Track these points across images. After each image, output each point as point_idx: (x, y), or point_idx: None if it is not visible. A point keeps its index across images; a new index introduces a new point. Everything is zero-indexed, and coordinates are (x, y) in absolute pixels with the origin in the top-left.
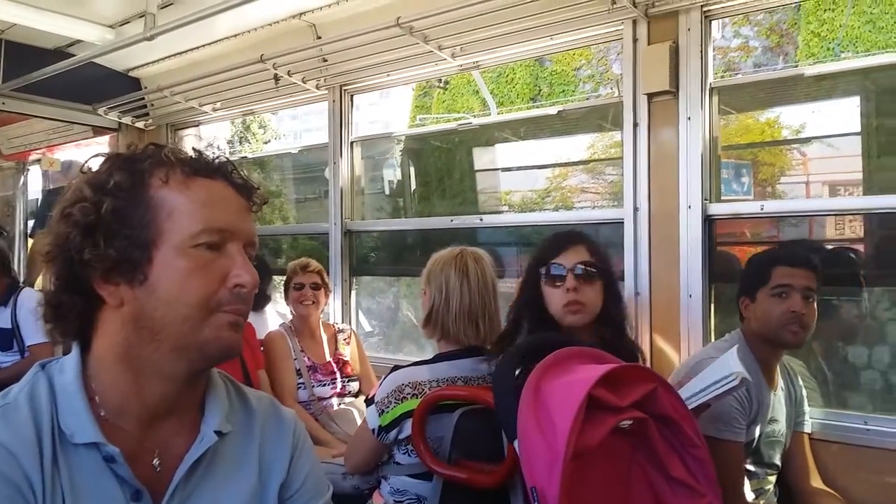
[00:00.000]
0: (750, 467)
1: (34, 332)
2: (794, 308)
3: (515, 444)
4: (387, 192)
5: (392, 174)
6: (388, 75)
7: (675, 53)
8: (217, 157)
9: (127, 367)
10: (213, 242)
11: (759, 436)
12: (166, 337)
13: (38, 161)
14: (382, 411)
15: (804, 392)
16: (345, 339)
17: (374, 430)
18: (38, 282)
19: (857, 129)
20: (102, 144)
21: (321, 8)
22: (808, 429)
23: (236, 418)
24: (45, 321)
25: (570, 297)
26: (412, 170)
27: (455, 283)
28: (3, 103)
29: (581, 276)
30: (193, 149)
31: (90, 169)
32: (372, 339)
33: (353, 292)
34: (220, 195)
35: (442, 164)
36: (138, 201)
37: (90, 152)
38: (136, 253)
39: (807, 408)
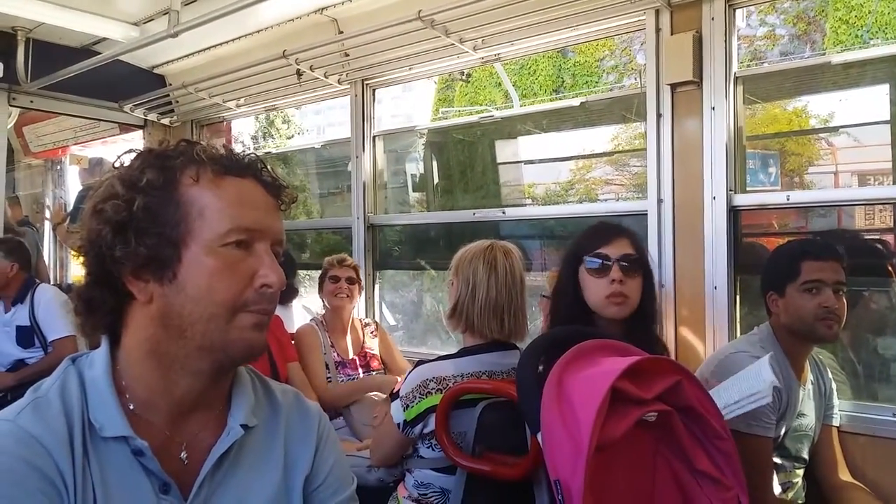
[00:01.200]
0: (777, 460)
1: (55, 327)
2: (826, 303)
3: (539, 436)
4: (409, 185)
5: (414, 168)
6: (410, 69)
7: (698, 43)
8: (248, 155)
9: (155, 363)
10: (242, 241)
11: (787, 430)
12: (193, 335)
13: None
14: (407, 406)
15: (833, 385)
16: (372, 333)
17: (398, 424)
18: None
19: (887, 117)
20: (129, 141)
21: (343, 3)
22: (836, 422)
23: (262, 412)
24: (77, 314)
25: (615, 288)
26: (434, 163)
27: (483, 275)
28: (32, 101)
29: (627, 268)
30: (224, 146)
31: (122, 164)
32: (396, 332)
33: (377, 286)
34: (249, 194)
35: (464, 157)
36: (169, 199)
37: (117, 149)
38: (166, 251)
39: (836, 401)
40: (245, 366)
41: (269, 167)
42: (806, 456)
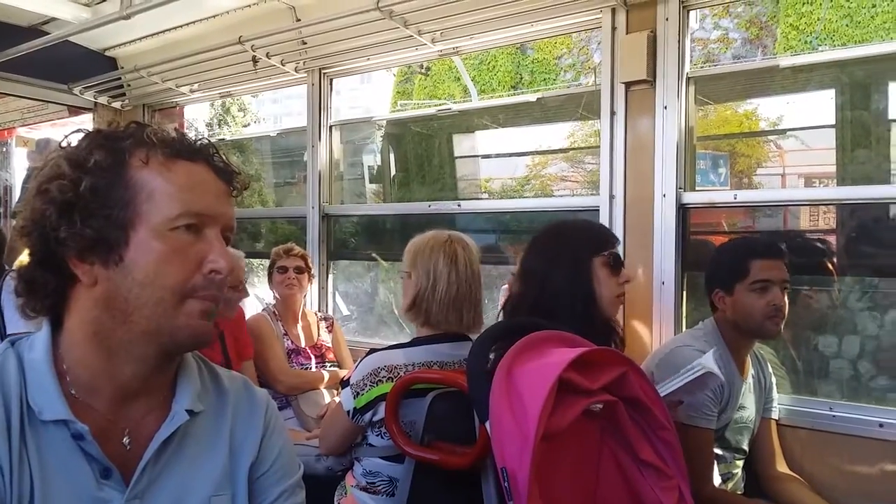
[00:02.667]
0: (718, 452)
1: (15, 320)
2: (774, 301)
3: (487, 425)
4: (366, 177)
5: (372, 159)
6: (368, 59)
7: (652, 43)
8: (199, 140)
9: (98, 346)
10: (192, 226)
11: (728, 423)
12: (138, 319)
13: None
14: (357, 394)
15: (773, 380)
16: (326, 328)
17: (348, 412)
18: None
19: (832, 121)
20: (79, 124)
21: None
22: (775, 415)
23: (208, 398)
24: (17, 296)
25: (623, 289)
26: (392, 155)
27: (443, 269)
28: None
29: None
30: (175, 129)
31: (69, 144)
32: (350, 323)
33: (331, 276)
34: (200, 178)
35: (422, 150)
36: (117, 181)
37: (66, 131)
38: (112, 233)
39: (776, 395)
40: (194, 353)
41: (221, 153)
42: (746, 447)
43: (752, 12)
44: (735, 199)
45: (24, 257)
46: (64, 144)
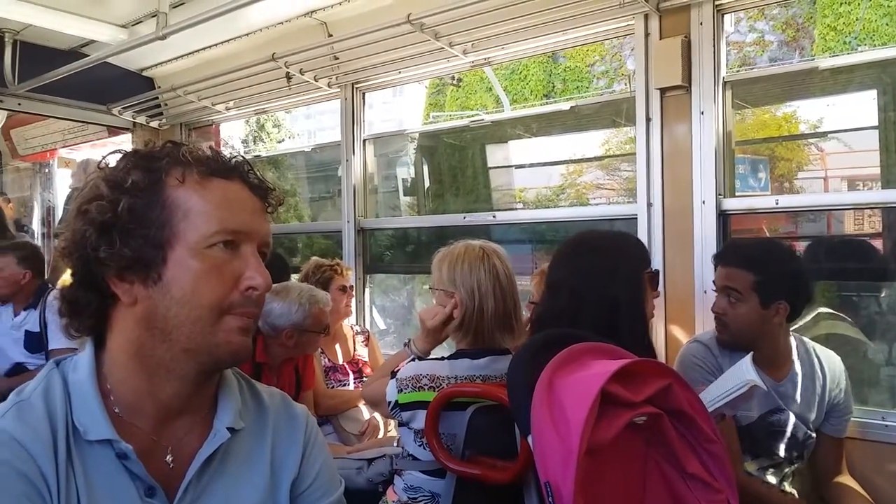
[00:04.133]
0: (750, 465)
1: (58, 336)
2: (713, 308)
3: (529, 439)
4: (400, 189)
5: (405, 172)
6: (400, 72)
7: (687, 47)
8: (234, 157)
9: (140, 366)
10: (228, 243)
11: (751, 422)
12: (178, 337)
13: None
14: (401, 390)
15: (843, 396)
16: (363, 342)
17: (389, 402)
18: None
19: (875, 122)
20: (118, 144)
21: (332, 6)
22: (840, 434)
23: (249, 415)
24: (61, 316)
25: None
26: (425, 167)
27: (487, 286)
28: (20, 104)
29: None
30: (210, 147)
31: (107, 165)
32: (387, 337)
33: (367, 290)
34: (235, 196)
35: (455, 161)
36: (154, 201)
37: (105, 151)
38: (150, 252)
39: (846, 414)
40: (233, 368)
41: (255, 169)
42: (783, 454)
43: (788, 14)
44: (777, 204)
45: (66, 277)
46: (102, 165)
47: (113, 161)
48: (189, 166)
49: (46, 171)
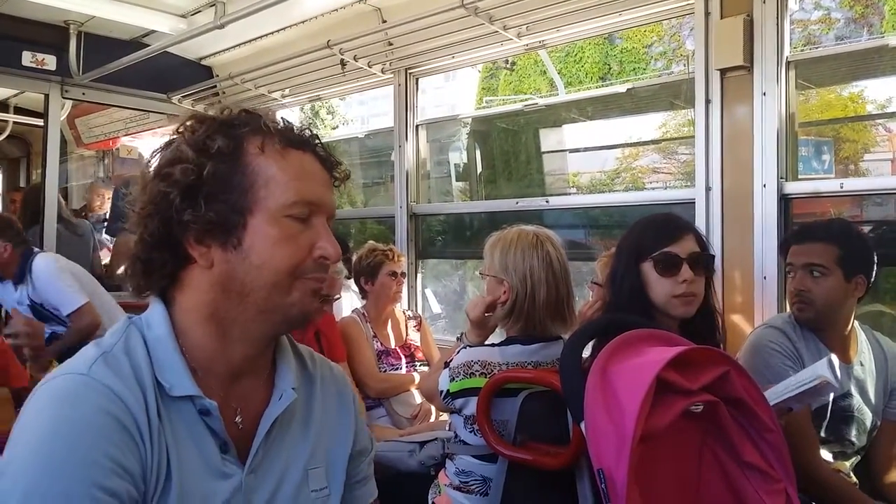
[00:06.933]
0: (823, 451)
1: (64, 301)
2: (794, 286)
3: (582, 425)
4: (452, 175)
5: (458, 157)
6: (453, 57)
7: (749, 27)
8: (306, 129)
9: (214, 327)
10: (303, 214)
11: (824, 408)
12: (254, 300)
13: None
14: (453, 378)
15: None
16: (415, 327)
17: (441, 392)
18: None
19: None
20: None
21: None
22: None
23: (300, 377)
24: (131, 276)
25: (685, 288)
26: (478, 152)
27: (540, 273)
28: (84, 94)
29: (695, 267)
30: (282, 118)
31: (186, 129)
32: (439, 322)
33: (419, 275)
34: (310, 168)
35: (508, 146)
36: (237, 167)
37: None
38: (232, 217)
39: None
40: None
41: (322, 143)
42: (854, 440)
43: None
44: (841, 187)
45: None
46: (181, 130)
47: (190, 126)
48: (269, 136)
49: (109, 158)
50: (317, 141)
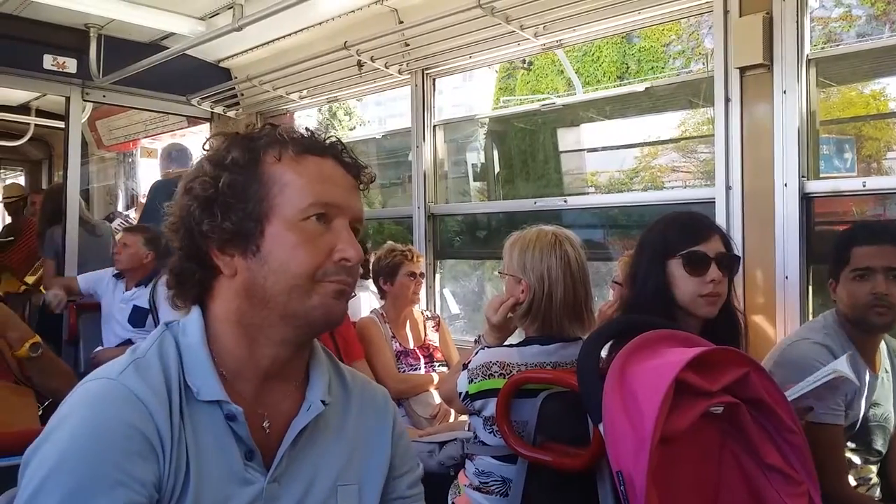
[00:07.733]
0: (851, 456)
1: (168, 312)
2: (876, 290)
3: (601, 427)
4: (470, 175)
5: (475, 157)
6: (470, 57)
7: (768, 24)
8: (328, 137)
9: (242, 333)
10: (322, 216)
11: (860, 420)
12: (275, 305)
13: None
14: (471, 380)
15: None
16: (433, 327)
17: (461, 393)
18: None
19: None
20: (196, 134)
21: None
22: None
23: (335, 391)
24: (168, 288)
25: (712, 288)
26: (495, 152)
27: (558, 273)
28: (104, 96)
29: (723, 267)
30: (306, 128)
31: (211, 146)
32: (457, 322)
33: (438, 276)
34: (329, 172)
35: (526, 146)
36: (253, 177)
37: (185, 142)
38: (249, 225)
39: None
40: (321, 345)
41: (348, 149)
42: (881, 448)
43: None
44: (864, 186)
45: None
46: (206, 147)
47: (215, 143)
48: (285, 144)
49: (129, 160)
50: (340, 147)
